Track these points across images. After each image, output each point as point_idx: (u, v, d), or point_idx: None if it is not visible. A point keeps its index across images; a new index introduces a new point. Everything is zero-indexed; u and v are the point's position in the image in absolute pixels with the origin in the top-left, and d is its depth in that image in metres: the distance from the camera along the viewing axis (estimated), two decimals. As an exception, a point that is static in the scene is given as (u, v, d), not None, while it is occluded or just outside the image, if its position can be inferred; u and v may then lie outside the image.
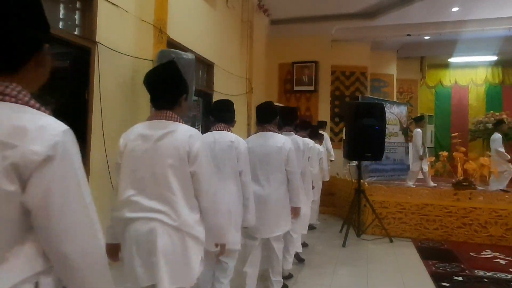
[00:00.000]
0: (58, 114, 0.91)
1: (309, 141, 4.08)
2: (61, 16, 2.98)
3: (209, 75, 5.63)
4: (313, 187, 4.43)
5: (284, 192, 2.86)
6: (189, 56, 3.80)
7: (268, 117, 2.92)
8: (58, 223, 0.82)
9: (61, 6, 2.98)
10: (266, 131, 2.90)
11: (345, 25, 8.14)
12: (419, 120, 6.93)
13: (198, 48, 5.01)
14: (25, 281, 0.83)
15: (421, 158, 6.44)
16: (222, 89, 5.68)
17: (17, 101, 0.83)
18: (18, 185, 0.79)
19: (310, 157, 4.71)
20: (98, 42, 3.28)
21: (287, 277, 3.48)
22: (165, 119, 1.66)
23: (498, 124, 6.82)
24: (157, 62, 3.69)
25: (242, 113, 6.34)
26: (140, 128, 1.69)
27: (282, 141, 2.82)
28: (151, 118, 1.71)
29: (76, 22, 3.27)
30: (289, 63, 8.38)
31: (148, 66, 3.87)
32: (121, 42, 3.56)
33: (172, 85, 1.69)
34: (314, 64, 8.21)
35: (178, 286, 1.58)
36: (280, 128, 3.69)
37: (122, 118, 3.61)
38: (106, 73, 3.35)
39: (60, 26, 2.99)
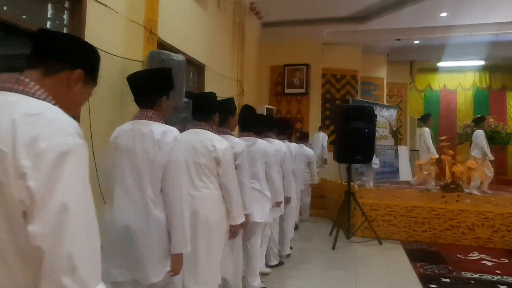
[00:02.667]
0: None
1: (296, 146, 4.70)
2: (49, 16, 2.94)
3: (200, 77, 5.61)
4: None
5: None
6: (180, 57, 3.78)
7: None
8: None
9: (49, 6, 2.94)
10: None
11: (336, 29, 8.19)
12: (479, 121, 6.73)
13: (189, 50, 4.98)
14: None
15: None
16: (213, 91, 5.65)
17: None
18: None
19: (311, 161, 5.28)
20: (87, 42, 3.24)
21: (278, 264, 3.93)
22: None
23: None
24: (147, 63, 3.65)
25: (233, 115, 6.32)
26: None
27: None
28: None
29: (65, 22, 3.23)
30: (280, 65, 8.39)
31: (138, 67, 3.83)
32: (111, 43, 3.52)
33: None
34: (305, 67, 8.22)
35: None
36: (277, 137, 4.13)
37: (111, 118, 3.57)
38: (95, 73, 3.30)
39: (48, 26, 2.95)
